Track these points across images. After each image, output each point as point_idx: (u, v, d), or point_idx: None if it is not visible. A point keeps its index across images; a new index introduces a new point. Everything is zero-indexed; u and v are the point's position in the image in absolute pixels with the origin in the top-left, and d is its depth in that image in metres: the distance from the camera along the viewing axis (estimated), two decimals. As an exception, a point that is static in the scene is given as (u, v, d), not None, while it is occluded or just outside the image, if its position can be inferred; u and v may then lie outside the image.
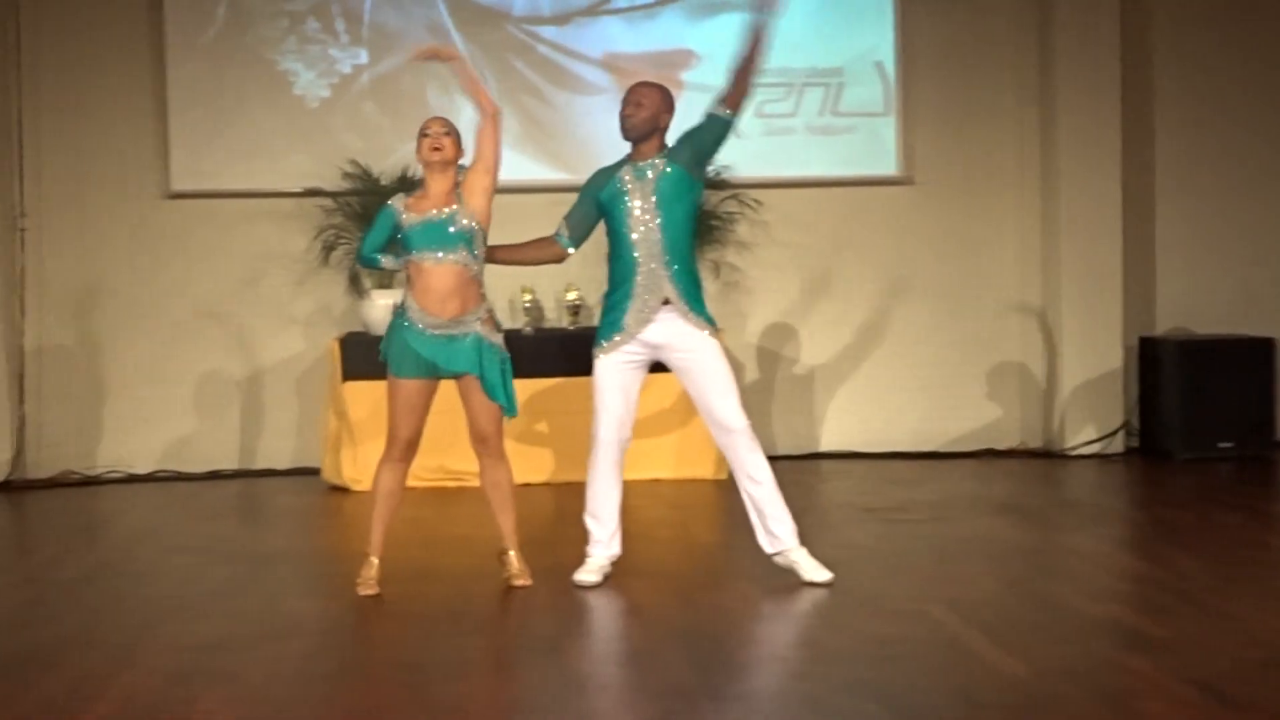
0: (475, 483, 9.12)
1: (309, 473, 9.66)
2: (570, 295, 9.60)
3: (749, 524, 7.60)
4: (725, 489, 9.08)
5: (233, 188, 9.88)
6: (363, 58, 9.96)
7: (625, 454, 6.66)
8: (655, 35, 10.03)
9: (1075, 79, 9.92)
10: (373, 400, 9.21)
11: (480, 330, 6.43)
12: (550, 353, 9.37)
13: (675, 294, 6.43)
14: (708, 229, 9.57)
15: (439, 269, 6.35)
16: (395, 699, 4.96)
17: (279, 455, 9.95)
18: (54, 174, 9.85)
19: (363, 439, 9.17)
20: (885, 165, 10.21)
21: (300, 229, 9.82)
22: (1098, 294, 10.00)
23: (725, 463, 9.28)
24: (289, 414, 9.96)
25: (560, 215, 6.76)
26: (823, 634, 5.68)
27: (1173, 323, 10.27)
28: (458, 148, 6.50)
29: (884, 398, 10.23)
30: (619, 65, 10.01)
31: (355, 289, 9.56)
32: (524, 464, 9.23)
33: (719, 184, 9.58)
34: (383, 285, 9.54)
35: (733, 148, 6.81)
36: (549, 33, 10.04)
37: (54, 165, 9.85)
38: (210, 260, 9.93)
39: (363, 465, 9.17)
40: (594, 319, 9.92)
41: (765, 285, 10.12)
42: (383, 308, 9.40)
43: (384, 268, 6.72)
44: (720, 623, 5.96)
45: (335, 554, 7.94)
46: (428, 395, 6.53)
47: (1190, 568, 6.65)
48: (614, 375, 6.54)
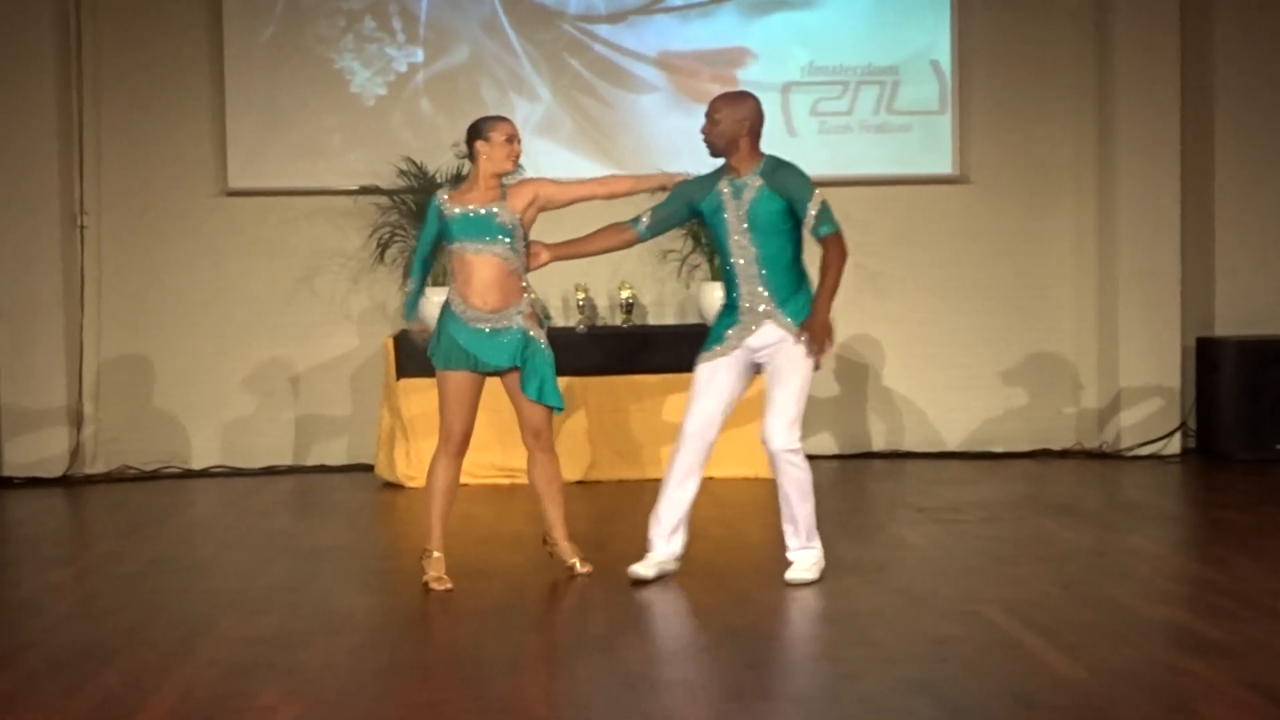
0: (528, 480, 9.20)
1: (363, 469, 9.71)
2: (624, 293, 9.61)
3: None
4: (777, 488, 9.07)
5: (289, 185, 9.95)
6: (419, 56, 10.00)
7: (707, 454, 6.61)
8: (710, 33, 10.02)
9: (1134, 78, 9.85)
10: (427, 397, 9.23)
11: (523, 324, 6.44)
12: (602, 350, 9.38)
13: (773, 305, 6.42)
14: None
15: (479, 260, 6.41)
16: (450, 694, 4.97)
17: (333, 451, 10.01)
18: (113, 172, 9.94)
19: (416, 436, 9.21)
20: (941, 164, 10.17)
21: (356, 227, 9.87)
22: (1155, 294, 9.92)
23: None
24: (343, 410, 10.01)
25: (614, 214, 6.76)
26: (876, 634, 5.66)
27: (1231, 323, 10.18)
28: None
29: (938, 397, 10.19)
30: (674, 63, 10.01)
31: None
32: (573, 461, 9.26)
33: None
34: (437, 284, 9.57)
35: (787, 147, 6.81)
36: (604, 31, 10.05)
37: (113, 164, 9.94)
38: (266, 258, 9.99)
39: (416, 462, 9.22)
40: (647, 317, 9.96)
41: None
42: (437, 305, 9.42)
43: (413, 284, 6.85)
44: (773, 622, 5.95)
45: (390, 550, 7.98)
46: (475, 388, 6.56)
47: (1249, 570, 6.59)
48: (709, 374, 6.54)
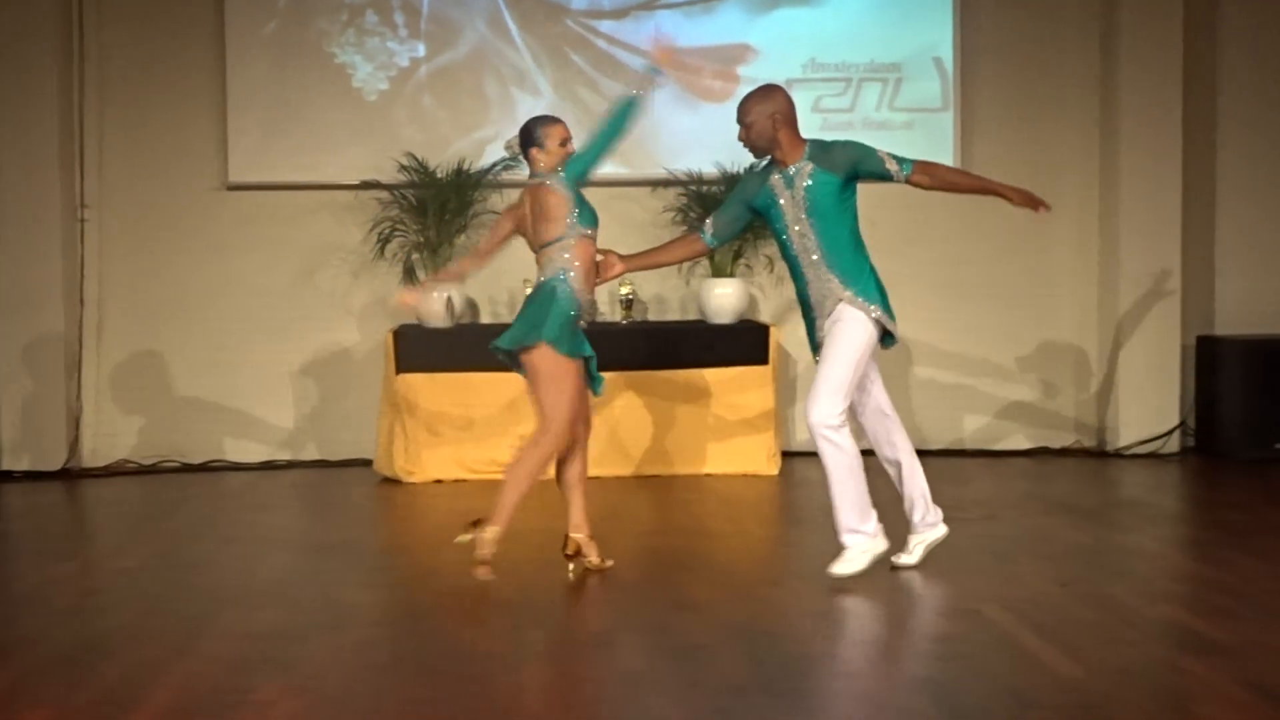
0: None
1: (363, 464, 9.71)
2: (623, 290, 9.61)
3: (801, 520, 7.60)
4: (781, 484, 9.09)
5: (291, 180, 9.94)
6: (421, 50, 9.99)
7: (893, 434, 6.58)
8: (713, 29, 10.01)
9: (1137, 78, 9.84)
10: (427, 392, 9.27)
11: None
12: (600, 348, 9.33)
13: (844, 288, 6.40)
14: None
15: (588, 244, 6.48)
16: (450, 690, 4.98)
17: (333, 446, 10.00)
18: (114, 166, 9.94)
19: (416, 431, 9.20)
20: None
21: (357, 221, 9.87)
22: (1156, 292, 9.93)
23: (779, 458, 9.35)
24: (343, 405, 10.01)
25: (618, 209, 6.79)
26: (877, 632, 5.67)
27: (1232, 322, 10.19)
28: None
29: (940, 394, 10.19)
30: (677, 60, 9.99)
31: (410, 281, 9.60)
32: (590, 457, 9.26)
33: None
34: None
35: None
36: (607, 26, 10.04)
37: (114, 157, 9.94)
38: (268, 252, 9.99)
39: (415, 457, 9.22)
40: (647, 314, 9.96)
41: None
42: (438, 300, 9.44)
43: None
44: (775, 619, 5.95)
45: (390, 546, 7.99)
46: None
47: (1249, 570, 6.60)
48: None
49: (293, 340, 10.00)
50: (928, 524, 6.64)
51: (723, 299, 9.46)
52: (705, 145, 9.52)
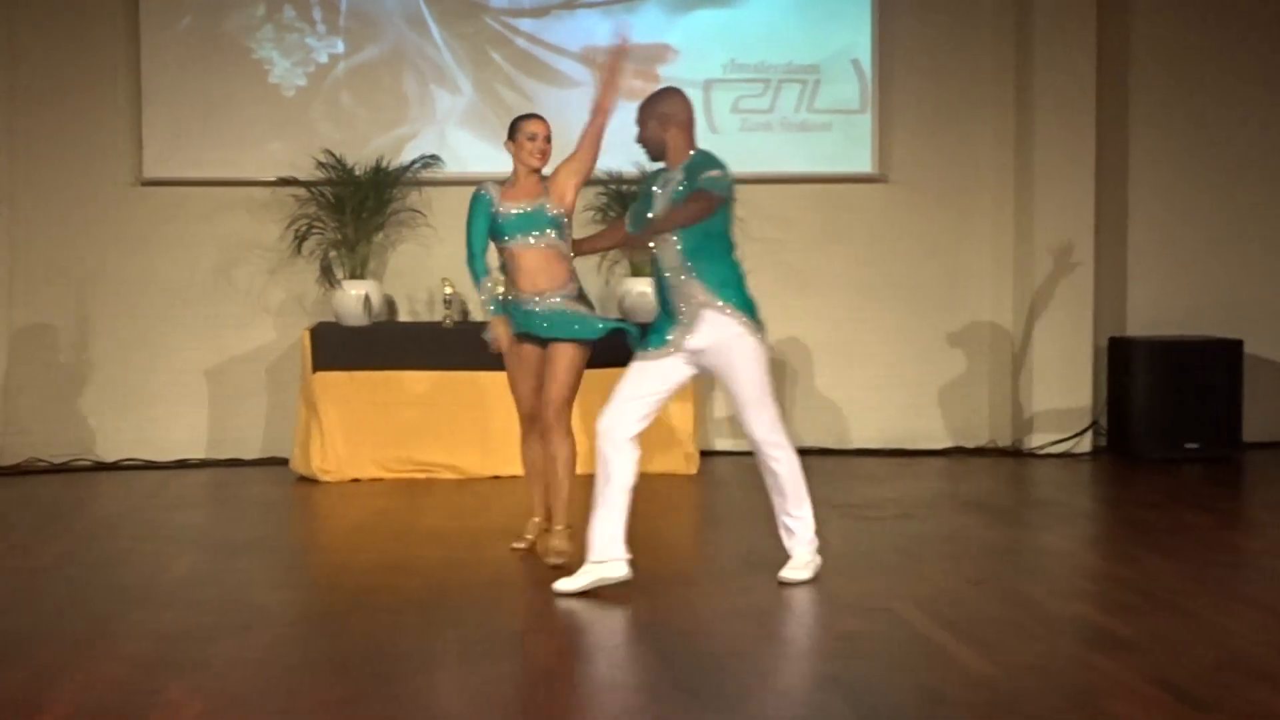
0: (445, 475, 9.20)
1: (278, 463, 9.64)
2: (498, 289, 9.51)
3: (717, 520, 7.62)
4: (696, 484, 9.10)
5: (206, 176, 9.84)
6: (339, 47, 9.92)
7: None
8: (634, 29, 10.00)
9: (1051, 82, 9.95)
10: (344, 391, 9.21)
11: (565, 306, 6.78)
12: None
13: (707, 294, 6.39)
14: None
15: (529, 252, 6.81)
16: (362, 691, 4.95)
17: (248, 445, 9.92)
18: (27, 160, 9.80)
19: (333, 430, 9.15)
20: (861, 163, 10.22)
21: (273, 218, 9.79)
22: (1069, 294, 10.03)
23: (696, 458, 9.37)
24: (259, 404, 9.93)
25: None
26: (789, 630, 5.69)
27: (1143, 324, 10.32)
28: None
29: (855, 394, 10.25)
30: (596, 59, 10.00)
31: (327, 279, 9.53)
32: (506, 457, 9.24)
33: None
34: (354, 275, 9.52)
35: (709, 143, 6.80)
36: (527, 25, 10.02)
37: (29, 151, 9.79)
38: (183, 248, 9.88)
39: (332, 456, 9.16)
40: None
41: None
42: (354, 298, 9.38)
43: (481, 286, 7.01)
44: (687, 618, 5.96)
45: (304, 545, 7.93)
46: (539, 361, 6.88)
47: (1157, 568, 6.68)
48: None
49: (208, 337, 9.91)
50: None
51: (641, 299, 9.46)
52: (625, 144, 9.38)
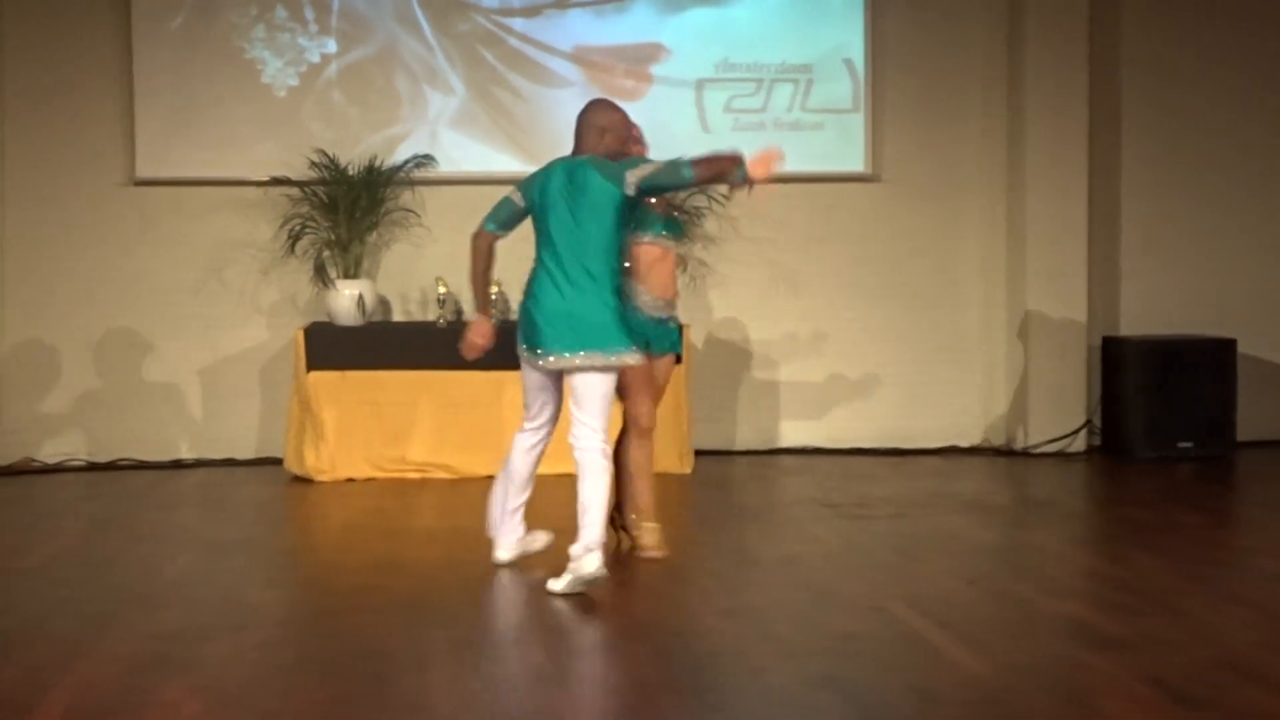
0: (438, 474, 9.19)
1: (272, 463, 9.62)
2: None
3: (711, 519, 7.63)
4: (690, 483, 9.10)
5: (199, 176, 9.82)
6: (331, 47, 9.91)
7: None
8: (625, 29, 10.01)
9: (1043, 82, 9.95)
10: (337, 391, 9.20)
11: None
12: (512, 344, 9.28)
13: None
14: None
15: (669, 258, 6.94)
16: (355, 690, 4.95)
17: (242, 445, 9.91)
18: (18, 160, 9.78)
19: (326, 430, 9.14)
20: (853, 162, 10.22)
21: (266, 218, 9.77)
22: (1062, 293, 10.03)
23: (690, 457, 9.37)
24: (252, 404, 9.91)
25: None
26: (783, 629, 5.69)
27: (1136, 323, 10.33)
28: None
29: (848, 394, 10.25)
30: (589, 59, 10.00)
31: (320, 279, 9.52)
32: (488, 455, 9.23)
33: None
34: (348, 275, 9.52)
35: (702, 143, 6.83)
36: (519, 25, 10.01)
37: (18, 151, 9.77)
38: (175, 248, 9.87)
39: (326, 456, 9.15)
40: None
41: (732, 280, 10.11)
42: (348, 298, 9.38)
43: None
44: (681, 617, 5.96)
45: (297, 545, 7.93)
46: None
47: (1150, 567, 6.69)
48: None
49: (201, 338, 9.89)
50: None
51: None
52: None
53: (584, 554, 6.17)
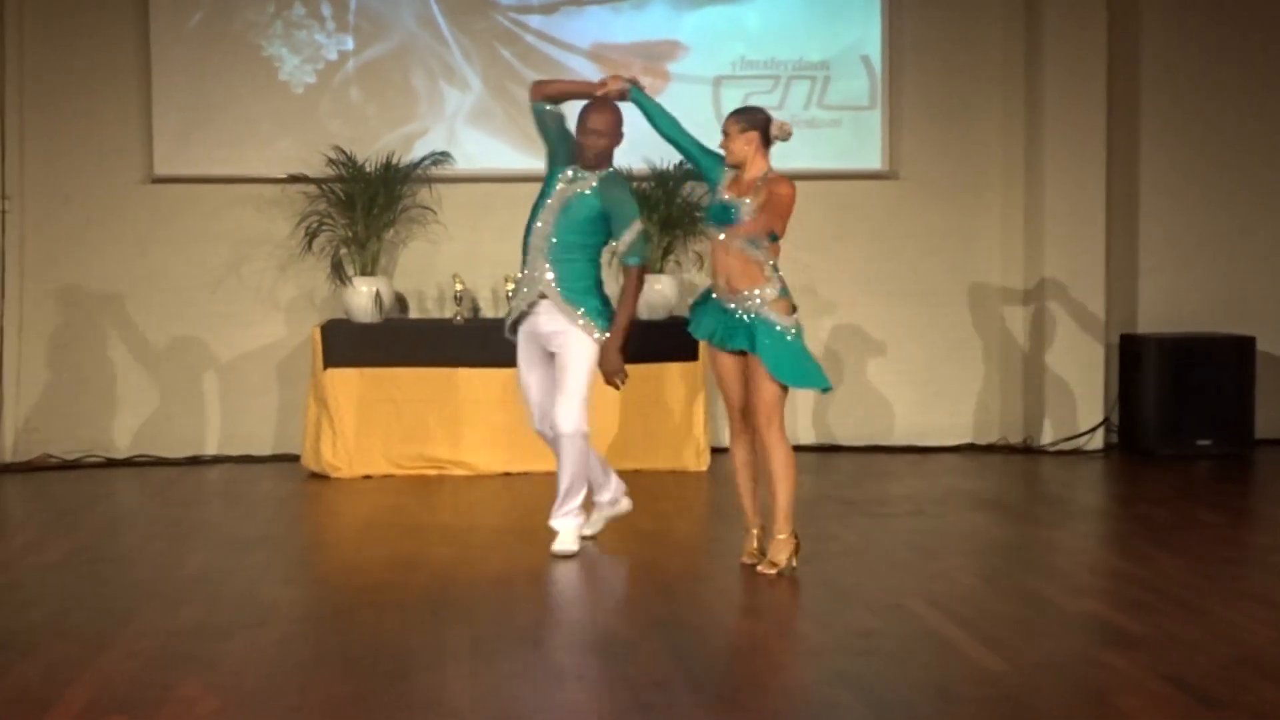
0: (455, 471, 9.20)
1: (289, 459, 9.64)
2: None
3: (729, 517, 7.63)
4: (707, 480, 9.10)
5: (216, 173, 9.84)
6: (349, 44, 9.92)
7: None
8: (642, 26, 10.02)
9: (1062, 78, 9.93)
10: (355, 388, 9.22)
11: (762, 311, 6.56)
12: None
13: (554, 289, 6.85)
14: (691, 220, 9.57)
15: (719, 247, 6.64)
16: (373, 687, 4.95)
17: (259, 441, 9.93)
18: (36, 157, 9.81)
19: (344, 426, 9.15)
20: (871, 159, 10.22)
21: (284, 215, 9.79)
22: (1080, 291, 10.02)
23: (707, 454, 9.37)
24: (270, 400, 9.93)
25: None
26: (801, 626, 5.69)
27: (1154, 321, 10.30)
28: (743, 148, 6.63)
29: (866, 391, 10.25)
30: (606, 56, 10.00)
31: (338, 276, 9.53)
32: (497, 452, 9.23)
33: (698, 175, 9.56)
34: (365, 272, 9.53)
35: (718, 140, 6.80)
36: (536, 22, 10.01)
37: (37, 148, 9.81)
38: (193, 245, 9.89)
39: (343, 452, 9.16)
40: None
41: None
42: (365, 295, 9.39)
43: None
44: (700, 614, 5.96)
45: (315, 541, 7.95)
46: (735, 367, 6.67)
47: (1169, 565, 6.67)
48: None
49: (219, 334, 9.92)
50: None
51: (653, 295, 9.45)
52: (633, 142, 9.48)
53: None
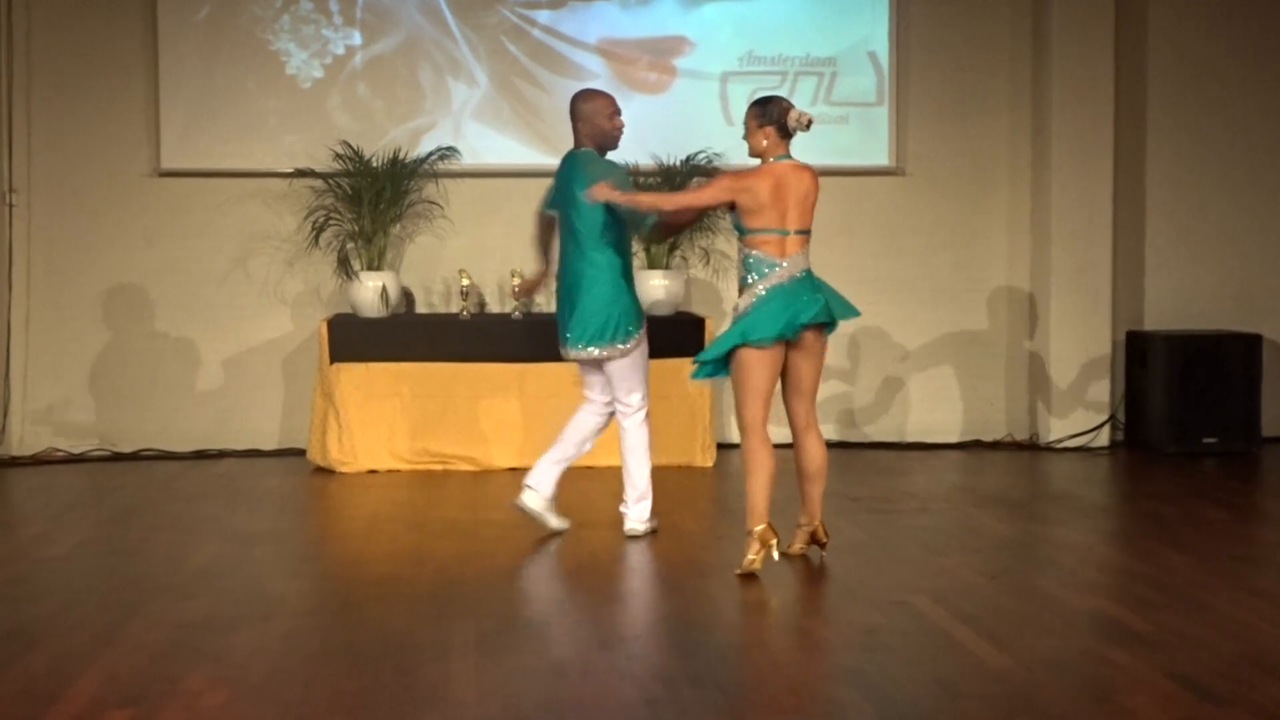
0: (461, 466, 9.21)
1: (295, 454, 9.66)
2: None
3: (735, 513, 7.64)
4: (713, 476, 9.10)
5: (224, 167, 9.85)
6: (356, 39, 9.92)
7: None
8: (650, 21, 10.01)
9: (1069, 74, 9.92)
10: (361, 382, 9.22)
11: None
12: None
13: None
14: (697, 217, 9.53)
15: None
16: (379, 681, 4.96)
17: (265, 436, 9.94)
18: (44, 151, 9.82)
19: (350, 421, 9.16)
20: (878, 156, 10.21)
21: (291, 210, 9.80)
22: (1087, 288, 10.01)
23: (713, 450, 9.38)
24: (276, 395, 9.95)
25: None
26: (806, 622, 5.69)
27: (1161, 318, 10.29)
28: (760, 143, 6.73)
29: (871, 388, 10.25)
30: (613, 51, 10.00)
31: (344, 271, 9.53)
32: (506, 446, 9.24)
33: (710, 171, 9.57)
34: (371, 267, 9.53)
35: (725, 135, 6.82)
36: (544, 17, 10.01)
37: (44, 142, 9.82)
38: (200, 239, 9.90)
39: (349, 447, 9.17)
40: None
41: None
42: (371, 289, 9.39)
43: None
44: (704, 610, 5.96)
45: (320, 535, 7.95)
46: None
47: (1175, 562, 6.67)
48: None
49: (225, 328, 9.92)
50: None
51: (658, 291, 9.45)
52: (640, 138, 9.51)
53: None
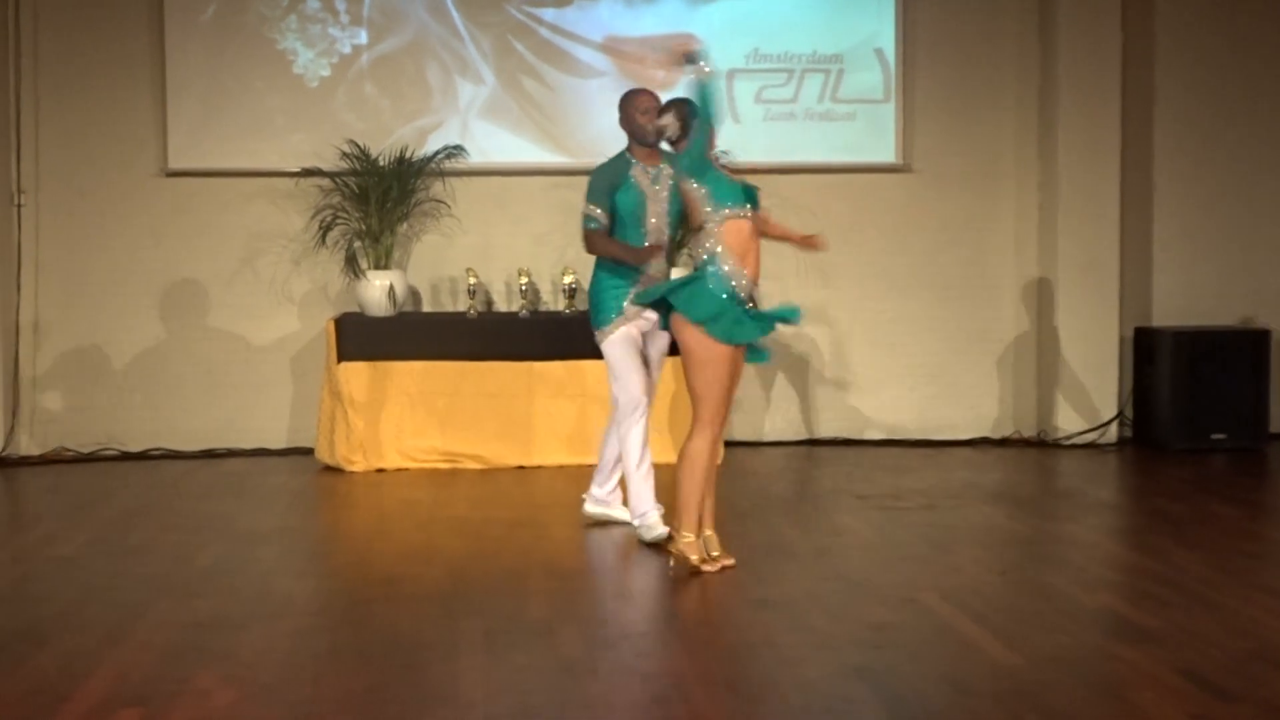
0: (469, 465, 9.22)
1: (303, 452, 9.66)
2: (567, 279, 9.57)
3: (743, 510, 7.64)
4: (720, 474, 9.06)
5: (231, 166, 9.86)
6: (363, 38, 9.92)
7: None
8: (656, 19, 10.00)
9: (1076, 71, 9.91)
10: (368, 381, 9.23)
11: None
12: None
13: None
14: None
15: (750, 232, 6.65)
16: (388, 679, 4.96)
17: (273, 435, 9.94)
18: (51, 151, 9.83)
19: (357, 420, 9.16)
20: (885, 153, 10.20)
21: (298, 209, 9.80)
22: (1094, 284, 10.00)
23: (720, 448, 9.35)
24: (284, 393, 9.95)
25: (559, 197, 6.82)
26: (814, 620, 5.68)
27: (1168, 314, 10.28)
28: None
29: (880, 385, 10.24)
30: (619, 48, 9.98)
31: (351, 269, 9.54)
32: (516, 445, 9.24)
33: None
34: (378, 266, 9.53)
35: (732, 133, 6.83)
36: (549, 15, 10.01)
37: (51, 142, 9.83)
38: (207, 239, 9.91)
39: (357, 445, 9.18)
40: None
41: (762, 271, 10.05)
42: (379, 288, 9.40)
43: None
44: (713, 608, 5.96)
45: (329, 534, 7.96)
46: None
47: (1183, 559, 6.66)
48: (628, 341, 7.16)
49: (233, 327, 9.93)
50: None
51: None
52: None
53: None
